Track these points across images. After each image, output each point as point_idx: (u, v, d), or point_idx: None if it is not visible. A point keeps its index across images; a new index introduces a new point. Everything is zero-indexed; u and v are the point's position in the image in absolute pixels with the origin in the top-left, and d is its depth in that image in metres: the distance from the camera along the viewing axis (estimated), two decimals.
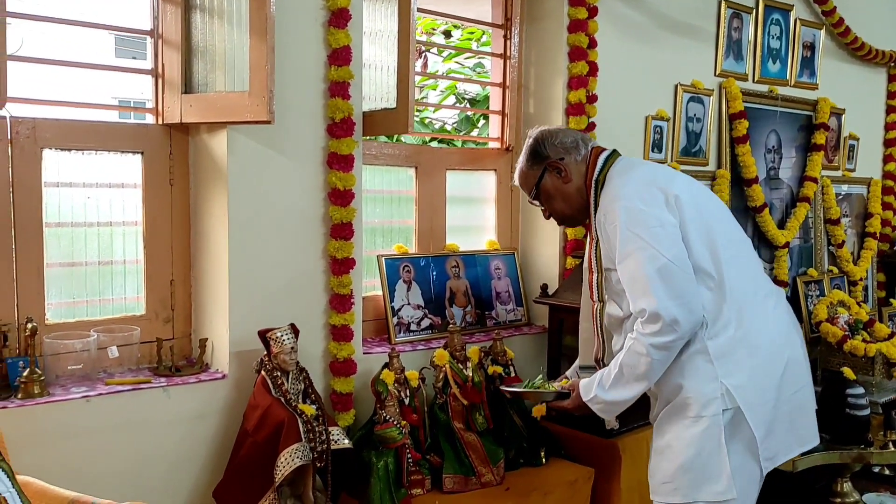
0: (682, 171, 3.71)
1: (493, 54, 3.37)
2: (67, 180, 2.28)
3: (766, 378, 1.95)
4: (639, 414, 2.26)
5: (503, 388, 2.46)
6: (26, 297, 2.19)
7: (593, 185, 2.15)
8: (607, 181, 2.12)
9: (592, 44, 3.22)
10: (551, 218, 2.29)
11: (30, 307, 2.19)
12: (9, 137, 2.14)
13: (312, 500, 2.22)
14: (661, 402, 2.06)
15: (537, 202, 2.26)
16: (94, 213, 2.35)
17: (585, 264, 2.27)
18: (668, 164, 3.71)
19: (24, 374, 2.06)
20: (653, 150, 3.62)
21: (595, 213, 2.13)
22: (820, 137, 4.46)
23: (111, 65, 2.56)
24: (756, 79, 4.15)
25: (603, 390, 2.03)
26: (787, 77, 4.34)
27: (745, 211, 4.12)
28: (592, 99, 3.24)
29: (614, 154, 2.20)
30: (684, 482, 1.95)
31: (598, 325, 2.22)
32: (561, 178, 2.18)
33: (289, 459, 2.12)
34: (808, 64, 4.46)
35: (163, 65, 2.37)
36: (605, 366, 2.18)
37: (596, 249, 2.16)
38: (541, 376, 2.41)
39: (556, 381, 2.37)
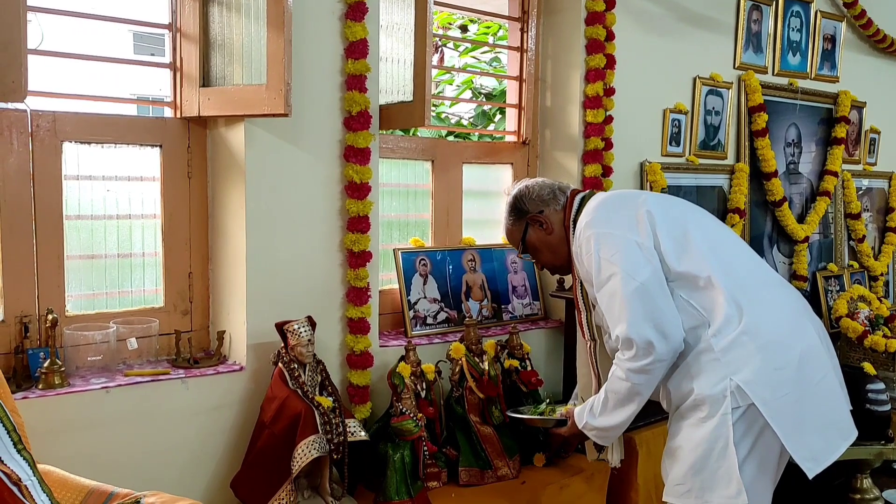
0: (701, 164, 3.73)
1: (509, 47, 3.36)
2: (87, 173, 2.29)
3: (779, 371, 1.90)
4: (656, 408, 2.24)
5: (509, 412, 2.50)
6: (47, 288, 2.22)
7: (571, 227, 2.19)
8: (580, 217, 2.15)
9: (610, 36, 3.20)
10: (545, 269, 2.36)
11: (50, 299, 2.21)
12: (29, 130, 2.15)
13: (329, 492, 2.23)
14: (674, 405, 2.05)
15: (527, 256, 2.32)
16: (113, 206, 2.36)
17: (575, 304, 2.29)
18: (686, 158, 3.69)
19: (45, 364, 2.08)
20: (671, 144, 3.59)
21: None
22: (840, 131, 4.41)
23: (130, 59, 2.57)
24: (776, 71, 4.11)
25: (593, 417, 2.09)
26: (808, 70, 4.30)
27: (764, 205, 4.08)
28: (610, 92, 3.22)
29: (590, 193, 2.23)
30: (696, 484, 1.93)
31: (595, 363, 2.23)
32: (544, 230, 2.25)
33: (306, 451, 2.13)
34: (828, 56, 4.40)
35: (181, 58, 2.38)
36: None
37: (581, 288, 2.19)
38: (546, 402, 2.46)
39: (561, 406, 2.41)
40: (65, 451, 2.00)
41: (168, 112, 2.44)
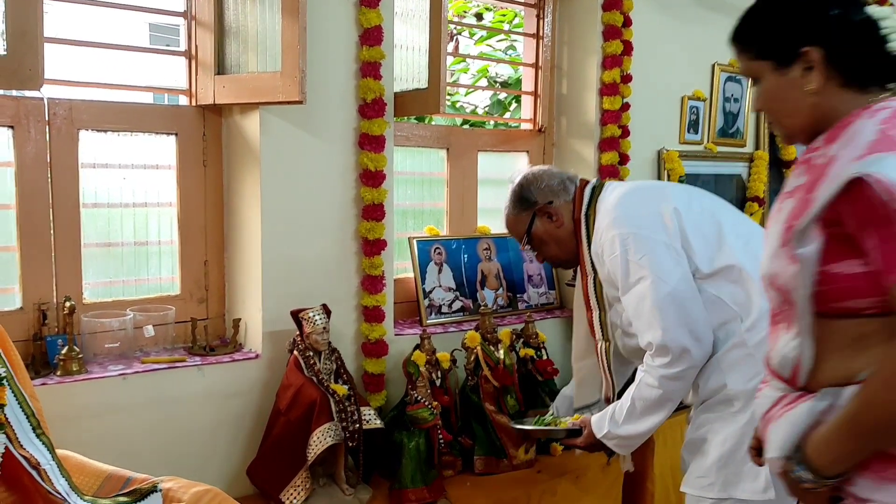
0: (719, 152, 3.69)
1: (525, 34, 3.33)
2: (103, 161, 2.30)
3: None
4: None
5: (512, 424, 2.39)
6: (64, 276, 2.23)
7: (583, 220, 2.09)
8: (597, 213, 2.06)
9: (627, 22, 3.16)
10: (544, 262, 2.26)
11: (68, 286, 2.23)
12: (46, 118, 2.16)
13: (344, 479, 2.24)
14: (701, 399, 1.99)
15: (528, 248, 2.21)
16: (129, 195, 2.37)
17: (579, 302, 2.20)
18: (704, 146, 3.65)
19: (63, 351, 2.10)
20: (689, 132, 3.56)
21: (588, 249, 2.07)
22: None
23: (145, 47, 2.57)
24: None
25: (616, 426, 1.98)
26: None
27: None
28: (627, 79, 3.18)
29: (599, 185, 2.13)
30: (721, 477, 1.89)
31: (606, 364, 2.16)
32: (553, 223, 2.14)
33: (321, 438, 2.13)
34: None
35: (196, 46, 2.38)
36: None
37: (595, 286, 2.10)
38: (551, 413, 2.36)
39: (564, 417, 2.31)
40: (83, 436, 2.02)
41: (183, 100, 2.44)
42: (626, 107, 3.20)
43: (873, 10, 1.29)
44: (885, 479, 1.18)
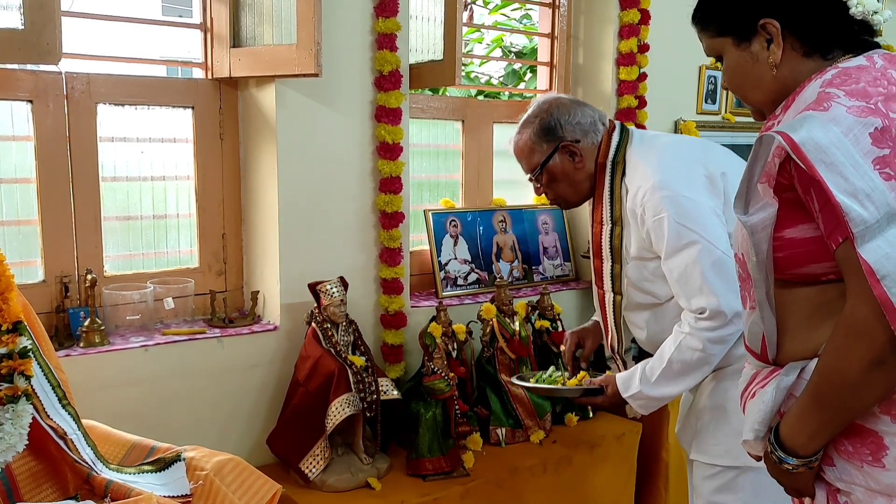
0: (737, 122, 3.65)
1: (541, 3, 3.29)
2: (122, 135, 2.31)
3: None
4: None
5: (513, 380, 2.28)
6: (85, 249, 2.25)
7: (609, 167, 1.99)
8: (629, 165, 1.97)
9: None
10: (542, 195, 2.14)
11: (89, 259, 2.25)
12: (64, 93, 2.17)
13: (362, 449, 2.27)
14: (721, 364, 1.95)
15: (535, 181, 2.09)
16: (147, 168, 2.39)
17: (592, 249, 2.12)
18: (722, 116, 3.61)
19: (86, 323, 2.13)
20: (706, 102, 3.52)
21: (611, 198, 1.99)
22: None
23: (162, 20, 2.57)
24: None
25: (648, 385, 1.93)
26: None
27: None
28: (644, 48, 3.14)
29: (625, 131, 2.03)
30: (736, 445, 1.88)
31: (614, 317, 2.11)
32: (573, 163, 2.02)
33: (339, 409, 2.16)
34: None
35: (211, 18, 2.37)
36: (621, 356, 2.12)
37: (611, 236, 2.03)
38: (552, 367, 2.32)
39: (567, 372, 2.25)
40: (107, 406, 2.05)
41: (197, 73, 2.44)
42: (642, 77, 3.16)
43: None
44: (857, 459, 1.15)
